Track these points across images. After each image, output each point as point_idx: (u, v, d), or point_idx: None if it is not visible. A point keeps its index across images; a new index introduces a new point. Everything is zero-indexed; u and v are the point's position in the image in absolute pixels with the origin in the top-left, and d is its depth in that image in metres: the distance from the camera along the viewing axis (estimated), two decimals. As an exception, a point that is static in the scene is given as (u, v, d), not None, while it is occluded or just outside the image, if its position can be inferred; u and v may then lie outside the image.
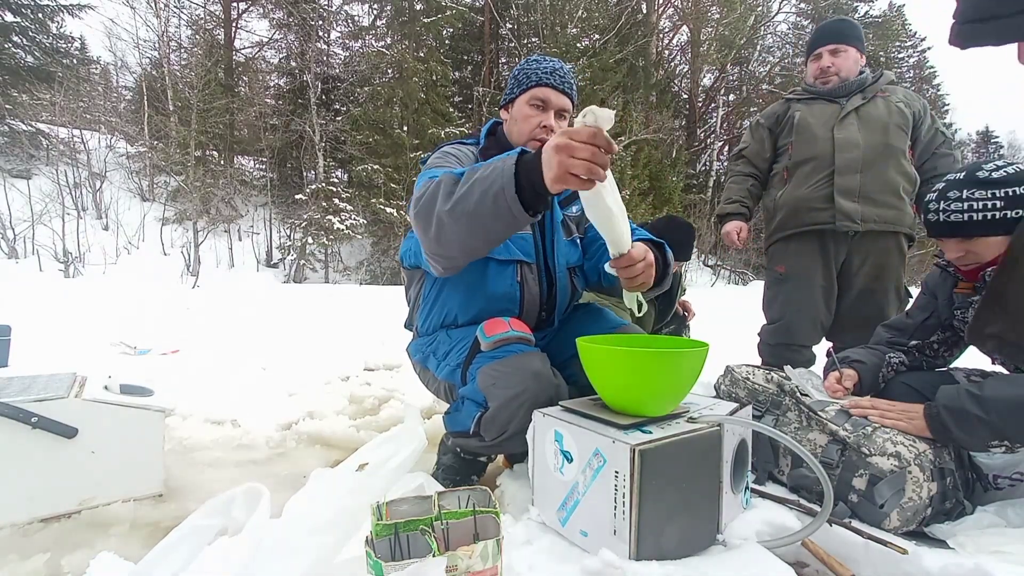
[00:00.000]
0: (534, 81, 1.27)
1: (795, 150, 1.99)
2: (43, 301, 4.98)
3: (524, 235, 1.30)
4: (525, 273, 1.29)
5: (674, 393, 1.00)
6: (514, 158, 0.91)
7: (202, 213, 12.21)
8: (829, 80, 1.96)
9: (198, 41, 14.98)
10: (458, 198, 0.95)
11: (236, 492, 0.91)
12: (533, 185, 0.88)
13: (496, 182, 0.90)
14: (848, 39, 1.94)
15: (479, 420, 1.17)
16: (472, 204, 0.93)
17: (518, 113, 1.30)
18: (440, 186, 0.99)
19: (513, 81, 1.32)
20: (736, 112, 18.46)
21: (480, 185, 0.92)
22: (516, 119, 1.30)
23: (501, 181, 0.89)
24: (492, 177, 0.90)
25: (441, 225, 0.98)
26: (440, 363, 1.33)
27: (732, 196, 2.16)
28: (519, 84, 1.30)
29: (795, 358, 2.00)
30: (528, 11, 15.62)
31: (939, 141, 1.93)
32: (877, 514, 1.05)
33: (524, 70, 1.31)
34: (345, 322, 4.81)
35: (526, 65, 1.31)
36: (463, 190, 0.94)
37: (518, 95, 1.30)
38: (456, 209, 0.95)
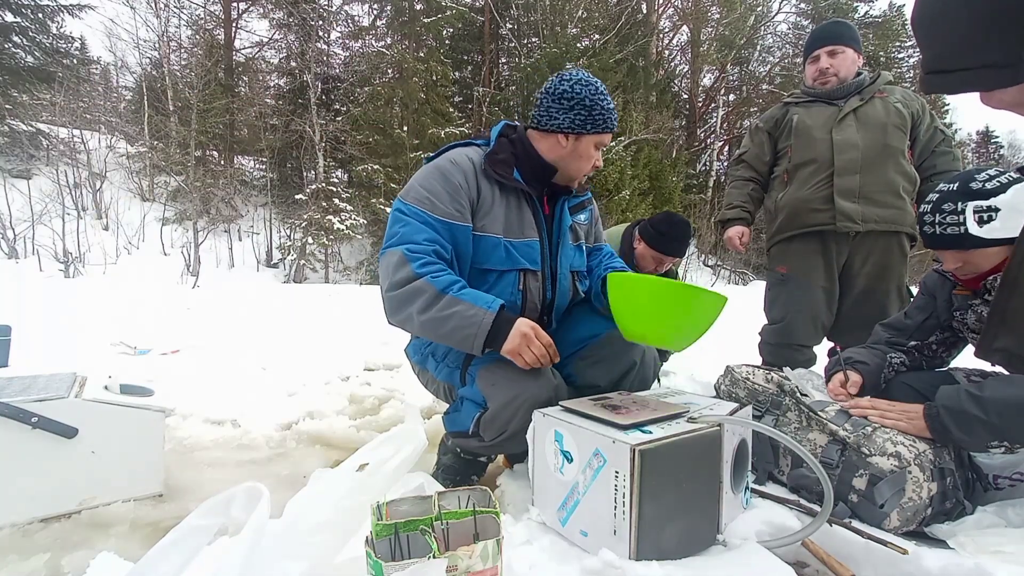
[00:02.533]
0: (608, 127, 1.27)
1: (794, 153, 2.00)
2: (43, 301, 4.98)
3: (531, 242, 1.28)
4: (529, 281, 1.28)
5: (691, 328, 1.08)
6: (492, 317, 1.08)
7: (202, 213, 12.21)
8: (828, 81, 1.96)
9: (198, 41, 14.97)
10: (433, 318, 1.10)
11: (236, 492, 0.90)
12: (494, 340, 1.10)
13: (470, 328, 1.08)
14: (845, 40, 1.94)
15: (478, 420, 1.18)
16: (444, 330, 1.10)
17: (584, 152, 1.27)
18: (421, 294, 1.10)
19: (585, 113, 1.23)
20: (736, 112, 18.46)
21: (457, 321, 1.08)
22: (580, 156, 1.28)
23: (475, 331, 1.08)
24: (471, 321, 1.08)
25: (410, 321, 1.14)
26: (439, 364, 1.33)
27: (733, 201, 2.18)
28: (593, 123, 1.24)
29: (796, 358, 2.00)
30: (528, 11, 15.62)
31: (938, 139, 1.93)
32: (877, 514, 1.05)
33: (598, 108, 1.24)
34: (345, 322, 4.80)
35: (599, 101, 1.24)
36: (441, 314, 1.09)
37: (589, 133, 1.25)
38: (427, 324, 1.11)
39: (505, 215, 1.25)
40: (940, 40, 0.43)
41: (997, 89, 0.43)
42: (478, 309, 1.08)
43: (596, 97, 1.24)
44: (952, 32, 0.42)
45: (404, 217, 1.18)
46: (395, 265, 1.13)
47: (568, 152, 1.27)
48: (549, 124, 1.26)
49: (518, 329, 1.10)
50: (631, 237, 2.23)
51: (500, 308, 1.10)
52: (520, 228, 1.27)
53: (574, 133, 1.25)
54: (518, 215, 1.27)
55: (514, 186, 1.26)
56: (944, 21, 0.42)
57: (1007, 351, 0.44)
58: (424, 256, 1.13)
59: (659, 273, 2.24)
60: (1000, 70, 0.40)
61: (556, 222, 1.35)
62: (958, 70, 0.42)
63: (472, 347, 1.10)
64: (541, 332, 1.11)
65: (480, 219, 1.23)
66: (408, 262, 1.11)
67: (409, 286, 1.11)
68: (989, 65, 0.41)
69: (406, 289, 1.11)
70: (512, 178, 1.25)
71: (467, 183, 1.22)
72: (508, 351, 1.10)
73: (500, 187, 1.27)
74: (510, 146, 1.30)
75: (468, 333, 1.08)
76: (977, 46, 0.41)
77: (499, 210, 1.25)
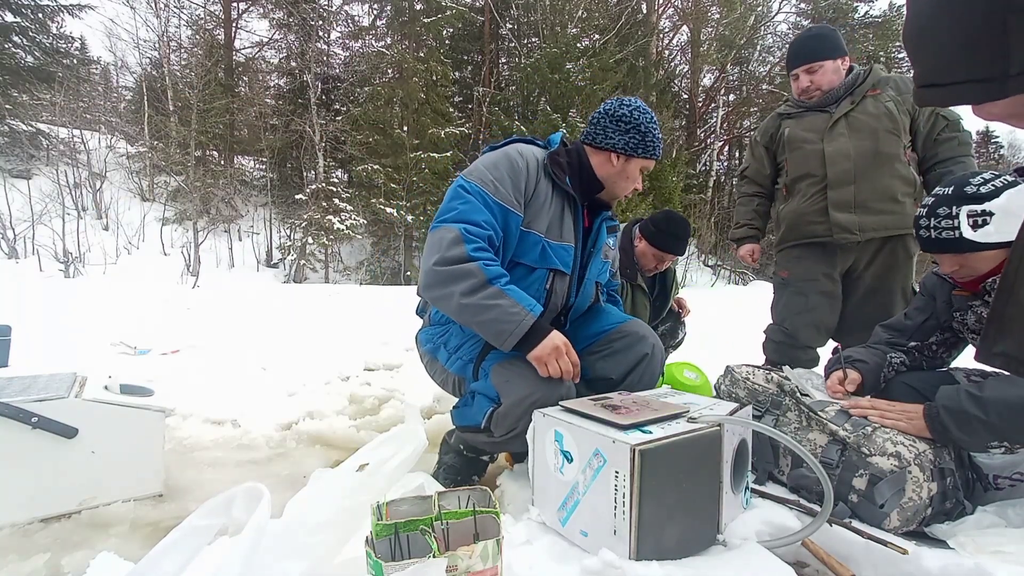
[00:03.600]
0: (654, 154, 1.33)
1: (790, 166, 2.02)
2: (43, 301, 4.98)
3: (567, 247, 1.32)
4: (556, 282, 1.31)
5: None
6: (533, 319, 1.11)
7: (202, 213, 12.20)
8: (812, 96, 1.95)
9: (198, 41, 14.96)
10: (476, 304, 1.11)
11: (236, 492, 0.90)
12: (526, 342, 1.12)
13: (510, 325, 1.10)
14: (820, 55, 1.89)
15: (491, 415, 1.18)
16: (482, 318, 1.11)
17: (631, 174, 1.35)
18: (470, 276, 1.11)
19: (639, 137, 1.31)
20: (736, 112, 18.45)
21: (498, 313, 1.10)
22: (627, 177, 1.35)
23: (513, 328, 1.10)
24: (512, 319, 1.10)
25: (449, 299, 1.14)
26: (451, 356, 1.34)
27: (741, 220, 2.23)
28: (646, 149, 1.32)
29: (799, 357, 2.01)
30: (528, 11, 15.60)
31: (940, 126, 1.85)
32: (877, 514, 1.05)
33: (651, 135, 1.32)
34: (345, 322, 4.80)
35: (652, 128, 1.32)
36: (485, 303, 1.11)
37: (640, 157, 1.32)
38: (467, 308, 1.12)
39: (551, 216, 1.30)
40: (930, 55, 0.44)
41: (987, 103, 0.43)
42: (521, 309, 1.11)
43: (651, 125, 1.31)
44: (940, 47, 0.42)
45: (465, 195, 1.20)
46: (450, 241, 1.14)
47: (617, 171, 1.33)
48: (604, 142, 1.32)
49: (552, 340, 1.12)
50: (631, 235, 2.24)
51: (540, 314, 1.13)
52: (560, 231, 1.31)
53: (626, 154, 1.31)
54: (561, 218, 1.32)
55: (565, 190, 1.31)
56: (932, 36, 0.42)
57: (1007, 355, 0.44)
58: (480, 241, 1.15)
59: (658, 271, 2.24)
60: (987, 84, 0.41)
61: (594, 234, 1.41)
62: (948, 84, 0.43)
63: (503, 342, 1.12)
64: (572, 350, 1.15)
65: (529, 215, 1.27)
66: (464, 242, 1.13)
67: (460, 266, 1.12)
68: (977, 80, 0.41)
69: (457, 268, 1.12)
70: (565, 182, 1.31)
71: (530, 175, 1.27)
72: (535, 357, 1.12)
73: (553, 188, 1.31)
74: (567, 154, 1.36)
75: (505, 328, 1.10)
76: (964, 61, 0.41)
77: (547, 210, 1.29)
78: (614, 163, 1.33)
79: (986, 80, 0.40)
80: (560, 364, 1.12)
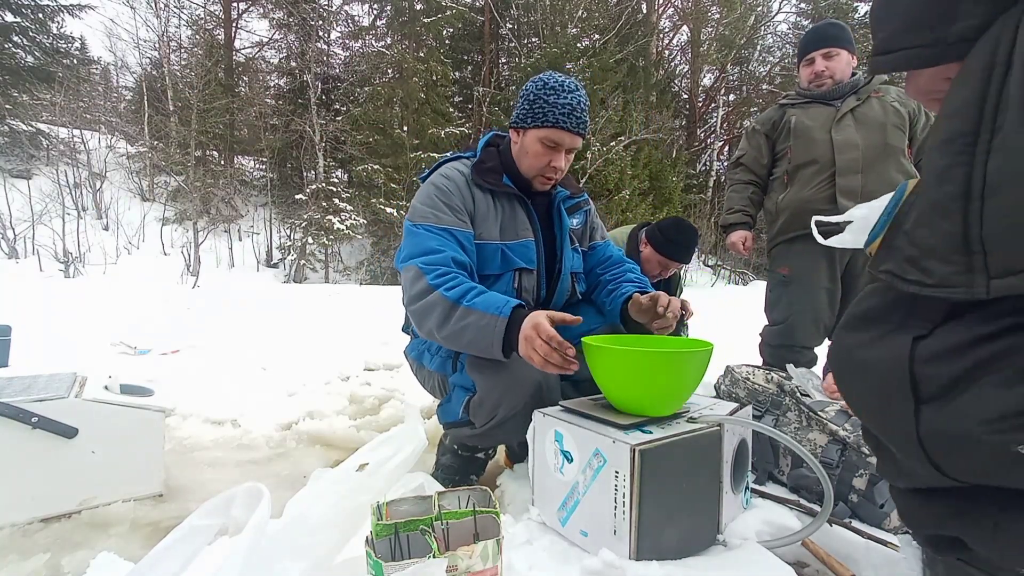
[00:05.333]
0: (551, 121, 1.21)
1: (794, 153, 1.99)
2: (43, 301, 4.98)
3: (526, 242, 1.30)
4: (523, 280, 1.29)
5: (679, 394, 1.00)
6: (504, 323, 1.05)
7: (202, 213, 12.20)
8: (823, 83, 1.96)
9: (198, 41, 14.96)
10: (451, 332, 1.09)
11: (236, 492, 0.90)
12: (511, 345, 1.06)
13: (486, 338, 1.06)
14: (840, 42, 1.93)
15: (467, 404, 1.19)
16: (463, 342, 1.10)
17: (530, 148, 1.26)
18: (435, 308, 1.10)
19: (527, 107, 1.25)
20: (736, 112, 18.44)
21: (472, 333, 1.07)
22: (527, 152, 1.27)
23: (491, 339, 1.06)
24: (485, 331, 1.06)
25: (432, 336, 1.15)
26: (433, 357, 1.34)
27: (734, 206, 2.18)
28: (534, 117, 1.23)
29: (797, 359, 2.00)
30: (528, 11, 15.60)
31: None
32: (877, 514, 1.05)
33: (541, 102, 1.22)
34: (345, 322, 4.81)
35: (543, 95, 1.22)
36: (457, 327, 1.08)
37: (531, 127, 1.24)
38: (448, 339, 1.11)
39: (500, 220, 1.29)
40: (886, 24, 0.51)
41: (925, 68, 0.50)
42: (490, 317, 1.06)
43: (541, 92, 1.23)
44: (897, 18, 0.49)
45: (414, 232, 1.21)
46: (411, 279, 1.15)
47: (519, 148, 1.29)
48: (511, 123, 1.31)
49: (523, 333, 1.03)
50: (637, 240, 2.22)
51: (513, 310, 1.06)
52: (515, 230, 1.30)
53: (519, 127, 1.27)
54: (512, 217, 1.30)
55: (504, 191, 1.30)
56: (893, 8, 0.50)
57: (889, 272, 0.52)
58: (439, 267, 1.13)
59: (664, 277, 2.22)
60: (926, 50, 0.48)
61: (557, 223, 1.38)
62: (897, 50, 0.50)
63: (493, 354, 1.08)
64: (543, 327, 1.01)
65: (478, 227, 1.26)
66: (423, 275, 1.12)
67: (424, 300, 1.11)
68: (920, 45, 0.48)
69: (422, 304, 1.12)
70: (501, 183, 1.29)
71: (462, 194, 1.26)
72: (522, 354, 1.04)
73: (492, 194, 1.30)
74: (497, 154, 1.34)
75: (485, 344, 1.06)
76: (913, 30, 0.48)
77: (494, 216, 1.28)
78: (516, 140, 1.30)
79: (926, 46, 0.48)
80: (539, 351, 1.00)
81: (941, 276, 0.46)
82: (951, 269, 0.45)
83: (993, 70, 0.43)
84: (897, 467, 0.55)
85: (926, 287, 0.47)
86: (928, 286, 0.47)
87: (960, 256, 0.45)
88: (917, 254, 0.49)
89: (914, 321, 0.50)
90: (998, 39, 0.43)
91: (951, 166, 0.46)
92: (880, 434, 0.56)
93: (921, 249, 0.48)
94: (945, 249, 0.46)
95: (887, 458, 0.57)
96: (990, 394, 0.44)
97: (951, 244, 0.45)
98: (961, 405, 0.46)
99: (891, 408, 0.51)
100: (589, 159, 11.93)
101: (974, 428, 0.45)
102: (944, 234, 0.46)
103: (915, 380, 0.49)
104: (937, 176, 0.47)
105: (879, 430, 0.56)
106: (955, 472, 0.49)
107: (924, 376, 0.48)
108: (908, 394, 0.49)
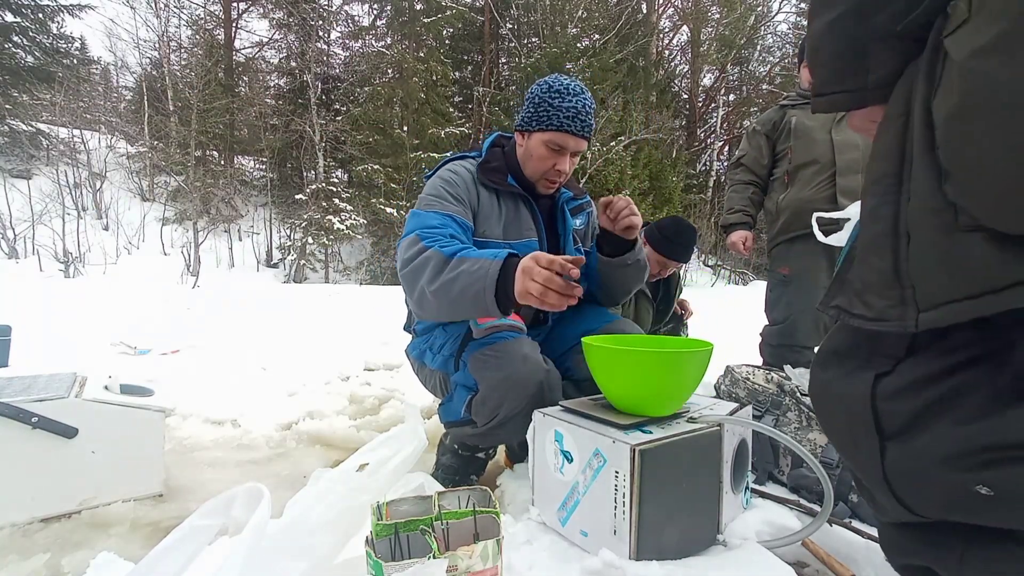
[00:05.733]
0: (555, 125, 1.22)
1: (795, 154, 2.00)
2: (43, 301, 4.98)
3: (530, 242, 1.31)
4: None
5: (679, 393, 1.00)
6: (499, 264, 0.99)
7: (202, 213, 12.21)
8: None
9: (198, 41, 14.97)
10: (443, 283, 1.04)
11: (236, 492, 0.90)
12: (506, 291, 0.98)
13: (479, 282, 0.99)
14: None
15: (470, 403, 1.19)
16: (454, 293, 1.03)
17: (534, 151, 1.27)
18: (428, 264, 1.07)
19: (532, 110, 1.25)
20: (736, 112, 18.44)
21: (464, 279, 1.01)
22: (531, 155, 1.28)
23: (483, 283, 0.99)
24: (477, 275, 1.00)
25: (423, 297, 1.08)
26: (435, 356, 1.34)
27: (734, 206, 2.19)
28: (539, 120, 1.23)
29: (797, 359, 2.00)
30: (528, 11, 15.60)
31: None
32: (877, 514, 1.05)
33: (546, 105, 1.22)
34: (345, 322, 4.81)
35: (548, 98, 1.22)
36: (449, 276, 1.03)
37: (535, 130, 1.25)
38: (439, 291, 1.05)
39: (504, 219, 1.29)
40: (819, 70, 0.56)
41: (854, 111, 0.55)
42: (484, 261, 1.01)
43: (546, 95, 1.23)
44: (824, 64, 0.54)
45: (416, 214, 1.21)
46: (408, 245, 1.14)
47: (524, 151, 1.30)
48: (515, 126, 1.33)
49: (520, 267, 0.95)
50: None
51: (508, 256, 1.00)
52: (519, 229, 1.31)
53: (525, 130, 1.28)
54: (516, 217, 1.31)
55: (509, 190, 1.31)
56: (820, 55, 0.54)
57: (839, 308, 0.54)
58: (438, 237, 1.13)
59: (663, 277, 2.23)
60: (852, 94, 0.53)
61: (560, 224, 1.40)
62: (828, 94, 0.55)
63: (485, 303, 0.99)
64: (543, 256, 0.93)
65: (481, 225, 1.27)
66: (420, 240, 1.12)
67: (418, 259, 1.09)
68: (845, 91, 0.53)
69: (416, 262, 1.09)
70: (506, 183, 1.31)
71: (467, 189, 1.27)
72: (519, 293, 0.95)
73: (497, 194, 1.31)
74: (502, 155, 1.36)
75: (477, 289, 0.99)
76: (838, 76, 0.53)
77: (498, 215, 1.29)
78: (520, 143, 1.31)
79: (851, 91, 0.53)
80: (538, 280, 0.90)
81: (879, 310, 0.48)
82: (886, 303, 0.47)
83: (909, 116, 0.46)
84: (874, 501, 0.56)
85: (867, 320, 0.49)
86: (869, 319, 0.49)
87: (893, 291, 0.46)
88: (860, 288, 0.50)
89: (877, 358, 0.51)
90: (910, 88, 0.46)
91: (879, 205, 0.48)
92: (854, 469, 0.58)
93: (864, 283, 0.50)
94: (880, 284, 0.48)
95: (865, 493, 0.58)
96: (947, 432, 0.45)
97: (885, 279, 0.47)
98: (921, 443, 0.47)
99: (859, 444, 0.52)
100: (589, 159, 11.93)
101: (933, 466, 0.46)
102: (879, 270, 0.48)
103: (878, 417, 0.50)
104: (869, 214, 0.50)
105: (852, 465, 0.58)
106: (919, 509, 0.50)
107: (886, 412, 0.49)
108: (872, 431, 0.50)
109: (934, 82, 0.43)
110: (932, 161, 0.43)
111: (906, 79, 0.48)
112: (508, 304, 1.00)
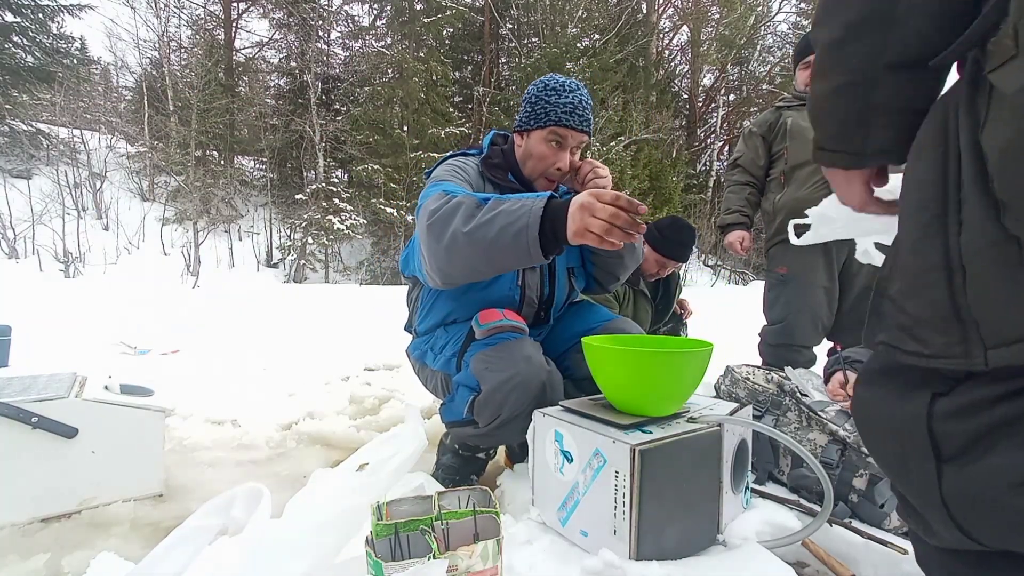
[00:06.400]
0: (552, 120, 1.22)
1: (791, 154, 2.01)
2: (43, 301, 4.98)
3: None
4: (527, 276, 1.30)
5: (679, 393, 1.00)
6: (543, 202, 0.93)
7: (202, 213, 12.22)
8: None
9: (198, 41, 14.97)
10: (479, 223, 0.97)
11: (236, 492, 0.91)
12: (555, 232, 0.92)
13: (521, 219, 0.93)
14: None
15: (472, 404, 1.18)
16: (492, 233, 0.95)
17: (534, 149, 1.27)
18: (461, 206, 1.01)
19: (529, 108, 1.26)
20: (736, 112, 18.45)
21: (504, 218, 0.95)
22: (531, 153, 1.28)
23: (527, 220, 0.92)
24: (519, 214, 0.93)
25: (455, 242, 1.00)
26: (436, 356, 1.34)
27: (732, 206, 2.20)
28: (536, 118, 1.24)
29: (796, 359, 2.00)
30: (528, 11, 15.61)
31: None
32: (877, 514, 1.05)
33: (543, 102, 1.23)
34: (345, 322, 4.81)
35: (544, 96, 1.23)
36: (486, 217, 0.97)
37: (534, 128, 1.25)
38: (475, 233, 0.97)
39: None
40: (823, 128, 0.61)
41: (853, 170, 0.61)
42: (525, 200, 0.96)
43: (543, 93, 1.24)
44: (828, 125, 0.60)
45: (436, 184, 1.19)
46: (434, 199, 1.07)
47: (523, 150, 1.30)
48: (515, 126, 1.32)
49: (577, 203, 0.89)
50: None
51: (550, 198, 0.95)
52: None
53: (523, 130, 1.28)
54: None
55: (510, 187, 1.31)
56: (824, 117, 0.60)
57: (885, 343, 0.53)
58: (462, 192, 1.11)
59: (662, 276, 2.23)
60: (853, 156, 0.59)
61: None
62: (831, 150, 0.61)
63: (527, 242, 0.92)
64: (603, 193, 0.89)
65: None
66: (447, 194, 1.08)
67: (448, 206, 1.02)
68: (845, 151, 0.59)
69: (445, 209, 1.02)
70: (507, 180, 1.31)
71: (476, 181, 1.29)
72: (575, 232, 0.89)
73: (499, 190, 1.31)
74: (502, 154, 1.36)
75: (519, 226, 0.92)
76: (841, 137, 0.59)
77: None
78: (520, 143, 1.31)
79: (853, 153, 0.59)
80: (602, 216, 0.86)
81: (938, 347, 0.46)
82: (945, 340, 0.45)
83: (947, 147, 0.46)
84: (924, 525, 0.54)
85: (923, 358, 0.47)
86: (926, 356, 0.47)
87: (952, 327, 0.45)
88: (910, 324, 0.49)
89: (933, 378, 0.49)
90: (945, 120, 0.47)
91: (922, 238, 0.47)
92: (904, 492, 0.55)
93: (914, 319, 0.48)
94: (936, 319, 0.46)
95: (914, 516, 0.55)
96: (1014, 456, 0.43)
97: (941, 314, 0.45)
98: (986, 466, 0.44)
99: (912, 467, 0.50)
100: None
101: (1001, 492, 0.43)
102: (932, 305, 0.46)
103: (934, 438, 0.48)
104: (911, 247, 0.49)
105: (904, 489, 0.55)
106: (980, 535, 0.47)
107: (943, 434, 0.47)
108: (929, 453, 0.48)
109: (978, 115, 0.43)
110: (986, 192, 0.42)
111: (938, 111, 0.49)
112: (552, 246, 0.94)
